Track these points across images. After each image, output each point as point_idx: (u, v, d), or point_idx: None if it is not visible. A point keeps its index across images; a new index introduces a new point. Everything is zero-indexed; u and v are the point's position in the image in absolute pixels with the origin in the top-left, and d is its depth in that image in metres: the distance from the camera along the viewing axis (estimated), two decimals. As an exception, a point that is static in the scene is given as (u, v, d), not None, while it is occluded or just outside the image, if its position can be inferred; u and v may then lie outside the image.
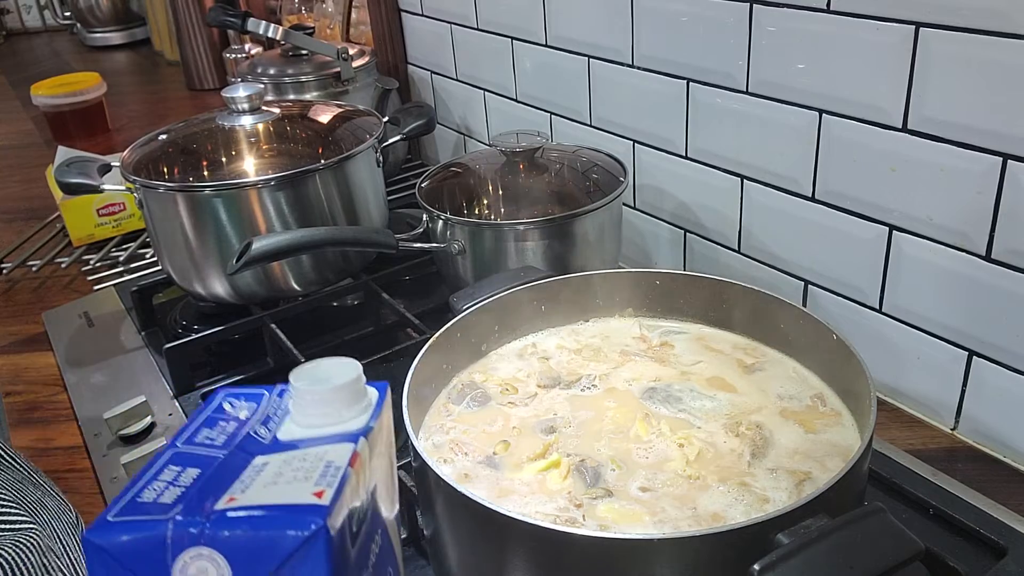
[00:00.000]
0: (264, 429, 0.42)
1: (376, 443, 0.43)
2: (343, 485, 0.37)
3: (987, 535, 0.64)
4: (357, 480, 0.40)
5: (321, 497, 0.36)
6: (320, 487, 0.37)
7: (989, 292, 0.72)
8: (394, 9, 1.48)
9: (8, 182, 1.66)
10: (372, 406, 0.45)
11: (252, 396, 0.45)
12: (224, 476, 0.38)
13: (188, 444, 0.41)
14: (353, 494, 0.39)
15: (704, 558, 0.47)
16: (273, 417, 0.43)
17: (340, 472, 0.38)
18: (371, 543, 0.42)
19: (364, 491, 0.41)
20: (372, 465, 0.43)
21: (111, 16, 2.77)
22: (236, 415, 0.44)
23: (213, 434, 0.42)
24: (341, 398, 0.43)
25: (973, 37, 0.67)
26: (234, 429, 0.42)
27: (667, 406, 0.65)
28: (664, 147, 1.01)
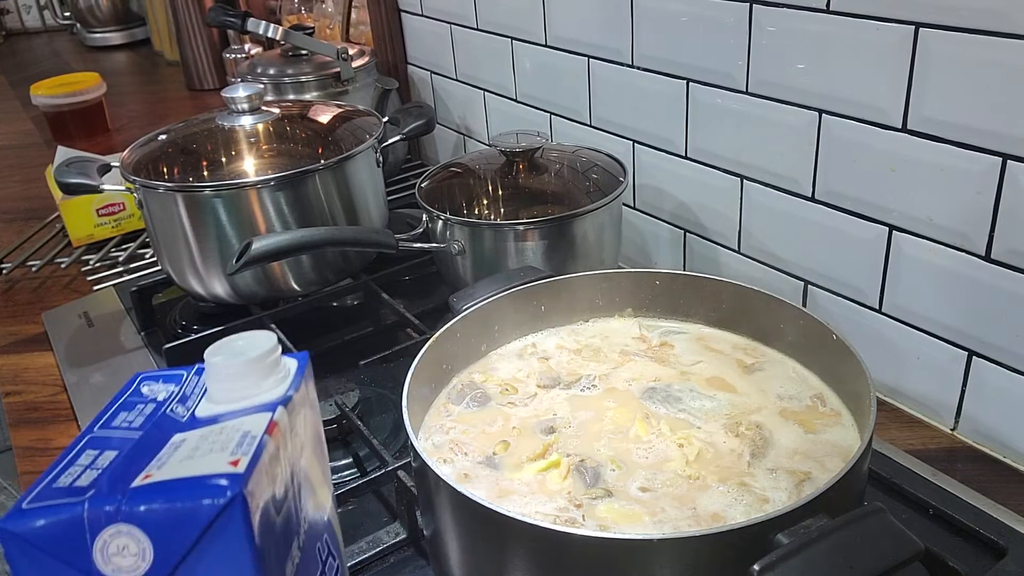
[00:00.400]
0: (182, 407, 0.42)
1: (297, 412, 0.43)
2: (260, 452, 0.37)
3: (987, 535, 0.64)
4: (277, 448, 0.39)
5: (237, 465, 0.36)
6: (236, 456, 0.37)
7: (989, 292, 0.72)
8: (394, 9, 1.48)
9: (8, 182, 1.66)
10: (290, 376, 0.44)
11: (170, 378, 0.45)
12: (140, 455, 0.38)
13: (104, 428, 0.41)
14: (273, 462, 0.39)
15: (704, 558, 0.47)
16: (191, 396, 0.43)
17: (256, 440, 0.38)
18: (298, 515, 0.42)
19: (287, 461, 0.41)
20: (295, 433, 0.42)
21: (111, 16, 2.77)
22: (154, 397, 0.44)
23: (131, 417, 0.42)
24: (256, 370, 0.42)
25: (973, 37, 0.67)
26: (151, 411, 0.42)
27: (667, 406, 0.65)
28: (664, 147, 1.01)
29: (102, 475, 0.37)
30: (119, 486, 0.36)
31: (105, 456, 0.39)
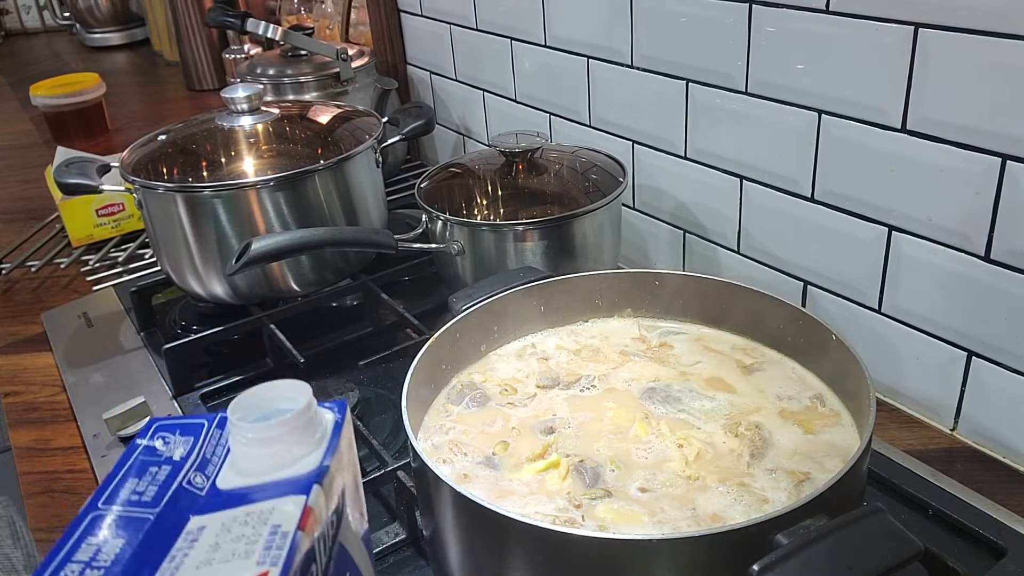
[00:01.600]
0: (200, 476, 0.37)
1: (335, 477, 0.37)
2: (292, 557, 0.32)
3: (986, 535, 0.64)
4: (310, 540, 0.34)
5: None
6: (264, 566, 0.31)
7: (988, 292, 0.72)
8: (393, 9, 1.48)
9: (7, 182, 1.66)
10: (327, 437, 0.38)
11: (188, 428, 0.39)
12: (152, 551, 0.33)
13: (111, 504, 0.35)
14: (307, 560, 0.33)
15: (703, 558, 0.47)
16: (212, 458, 0.37)
17: (288, 540, 0.32)
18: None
19: (322, 542, 0.35)
20: (332, 496, 0.37)
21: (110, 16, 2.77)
22: (170, 456, 0.38)
23: (142, 486, 0.36)
24: (288, 434, 0.36)
25: (972, 38, 0.67)
26: (166, 476, 0.36)
27: (666, 406, 0.65)
28: (663, 147, 1.01)
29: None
30: None
31: (109, 547, 0.33)
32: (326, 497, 0.36)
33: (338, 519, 0.38)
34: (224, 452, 0.38)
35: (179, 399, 0.90)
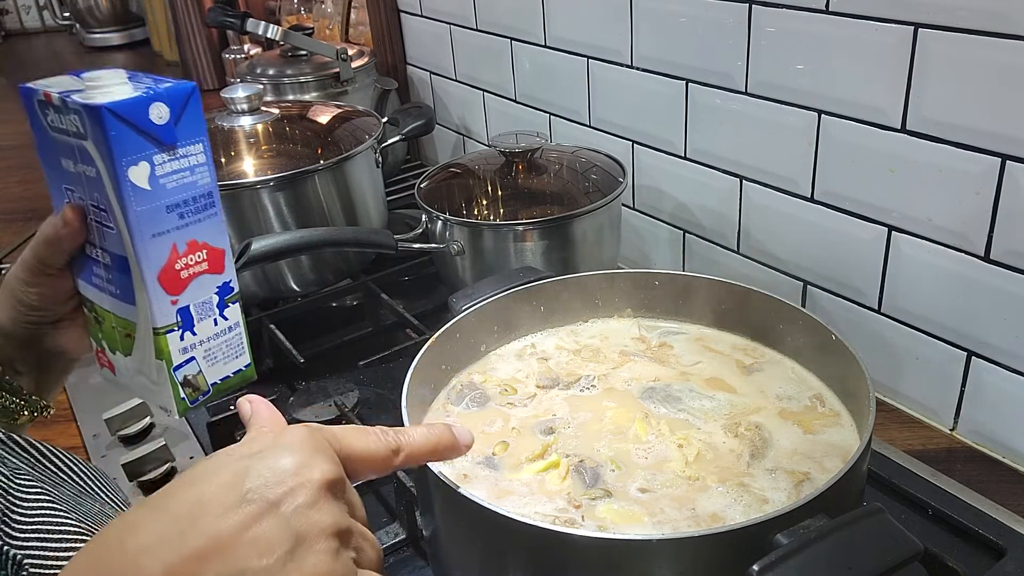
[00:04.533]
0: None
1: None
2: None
3: (986, 535, 0.64)
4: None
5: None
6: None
7: (988, 293, 0.72)
8: (393, 10, 1.48)
9: (7, 182, 1.66)
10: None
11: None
12: None
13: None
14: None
15: (703, 558, 0.47)
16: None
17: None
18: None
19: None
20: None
21: (110, 17, 2.77)
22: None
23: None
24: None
25: (972, 38, 0.67)
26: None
27: (666, 406, 0.65)
28: (663, 148, 1.01)
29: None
30: None
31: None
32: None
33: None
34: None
35: (179, 399, 0.90)
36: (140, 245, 0.51)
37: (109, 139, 0.49)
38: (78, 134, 0.51)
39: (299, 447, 0.41)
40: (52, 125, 0.53)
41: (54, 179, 0.55)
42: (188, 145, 0.52)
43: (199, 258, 0.54)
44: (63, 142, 0.52)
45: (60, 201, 0.55)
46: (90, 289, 0.56)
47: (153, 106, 0.50)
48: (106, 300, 0.55)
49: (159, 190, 0.51)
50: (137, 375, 0.57)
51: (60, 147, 0.53)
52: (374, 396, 0.87)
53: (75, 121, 0.51)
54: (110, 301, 0.55)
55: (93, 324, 0.58)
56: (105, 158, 0.50)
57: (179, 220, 0.52)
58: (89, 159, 0.51)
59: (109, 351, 0.58)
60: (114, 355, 0.57)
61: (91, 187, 0.52)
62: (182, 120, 0.51)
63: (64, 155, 0.53)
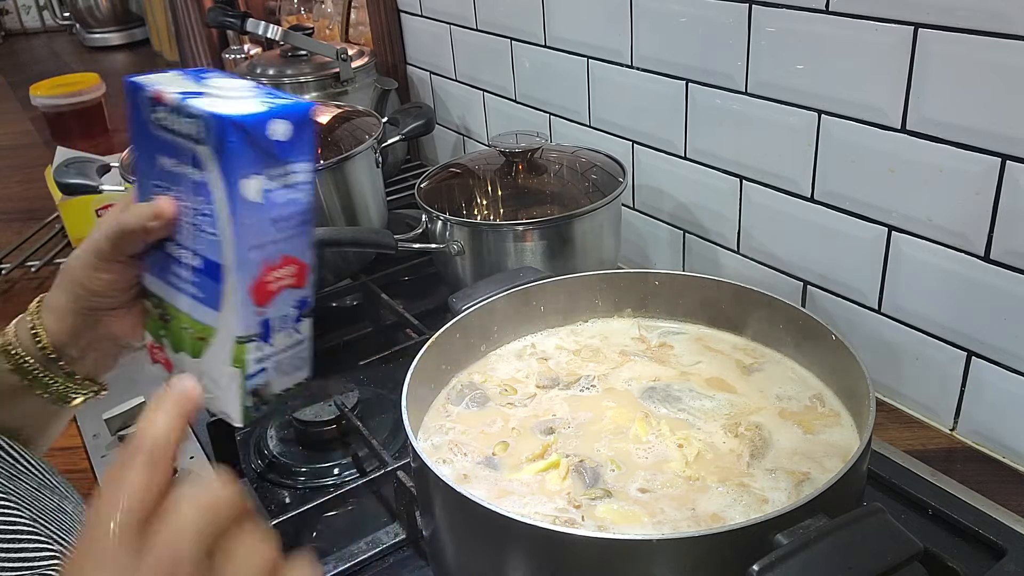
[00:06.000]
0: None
1: None
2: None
3: (986, 535, 0.64)
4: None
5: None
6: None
7: (988, 293, 0.72)
8: (393, 10, 1.48)
9: (7, 182, 1.66)
10: None
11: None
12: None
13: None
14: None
15: (703, 559, 0.47)
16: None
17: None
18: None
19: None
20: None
21: (110, 16, 2.77)
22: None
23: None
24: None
25: (972, 38, 0.67)
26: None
27: (666, 406, 0.65)
28: (663, 148, 1.01)
29: None
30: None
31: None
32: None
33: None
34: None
35: (179, 399, 0.90)
36: (241, 256, 0.51)
37: (230, 150, 0.49)
38: (193, 138, 0.50)
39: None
40: (159, 123, 0.52)
41: (144, 172, 0.55)
42: (299, 163, 0.53)
43: (288, 272, 0.55)
44: (168, 141, 0.52)
45: (145, 194, 0.54)
46: (162, 286, 0.56)
47: (274, 122, 0.50)
48: (183, 301, 0.55)
49: (268, 205, 0.51)
50: (201, 379, 0.54)
51: (161, 144, 0.53)
52: (374, 396, 0.87)
53: (192, 125, 0.50)
54: (189, 303, 0.55)
55: (155, 319, 0.58)
56: (222, 167, 0.50)
57: (279, 235, 0.53)
58: (200, 164, 0.51)
59: (171, 349, 0.58)
60: (176, 354, 0.57)
61: (196, 191, 0.51)
62: (297, 137, 0.52)
63: (164, 153, 0.53)
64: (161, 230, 0.53)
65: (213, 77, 0.55)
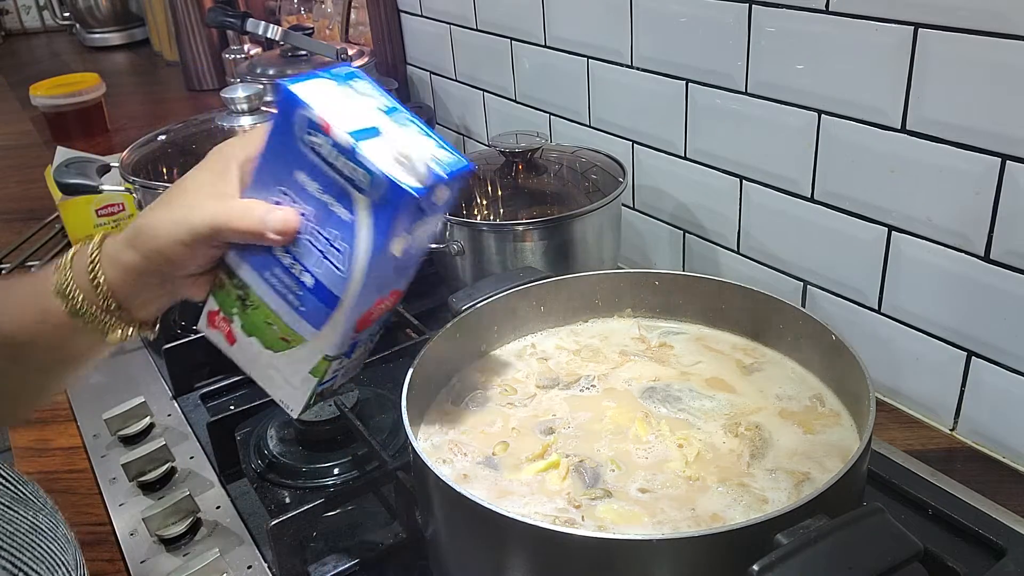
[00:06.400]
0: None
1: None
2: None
3: (986, 535, 0.64)
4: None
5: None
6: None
7: (988, 293, 0.72)
8: (393, 10, 1.48)
9: (7, 182, 1.66)
10: None
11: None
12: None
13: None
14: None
15: (703, 558, 0.47)
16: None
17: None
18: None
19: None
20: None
21: (110, 17, 2.77)
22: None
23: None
24: None
25: (972, 38, 0.67)
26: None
27: (666, 406, 0.65)
28: (663, 148, 1.01)
29: None
30: None
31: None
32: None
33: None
34: None
35: (179, 399, 0.90)
36: (362, 298, 0.52)
37: (393, 216, 0.49)
38: (354, 184, 0.50)
39: None
40: (314, 147, 0.51)
41: (271, 171, 0.53)
42: (439, 215, 0.53)
43: (391, 302, 0.56)
44: (317, 166, 0.51)
45: (265, 191, 0.53)
46: (255, 277, 0.55)
47: (439, 188, 0.51)
48: (278, 303, 0.55)
49: (403, 257, 0.52)
50: (268, 368, 0.57)
51: (307, 164, 0.51)
52: (374, 396, 0.87)
53: (358, 173, 0.49)
54: (285, 309, 0.54)
55: (230, 296, 0.57)
56: (376, 224, 0.50)
57: (398, 276, 0.55)
58: (351, 207, 0.50)
59: (242, 330, 0.58)
60: (247, 337, 0.57)
61: (332, 222, 0.51)
62: (451, 197, 0.53)
63: (307, 172, 0.52)
64: (278, 243, 0.53)
65: (360, 82, 0.55)
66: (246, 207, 0.53)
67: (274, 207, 0.52)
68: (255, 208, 0.53)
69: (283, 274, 0.54)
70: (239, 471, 0.79)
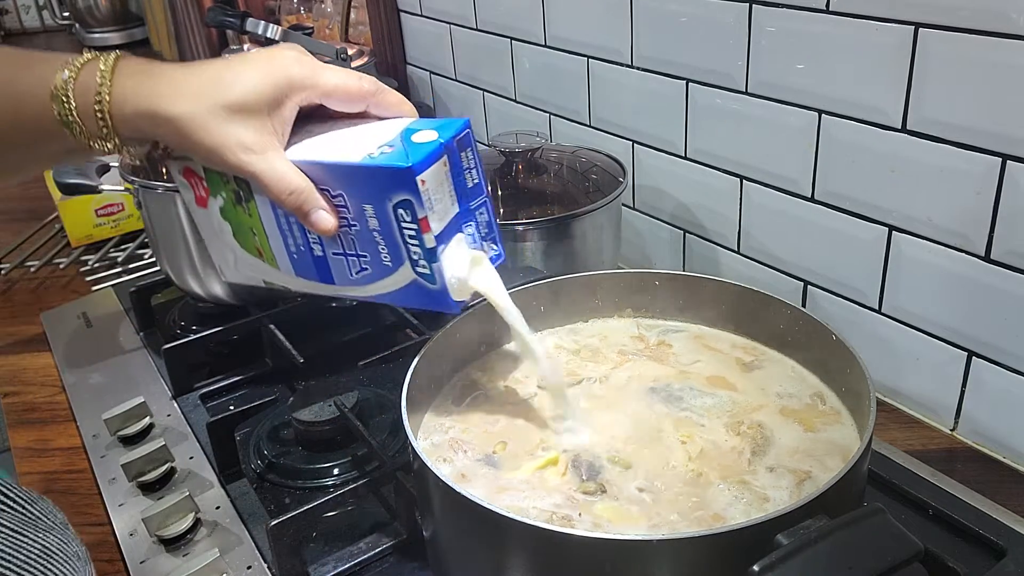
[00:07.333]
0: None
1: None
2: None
3: (986, 536, 0.64)
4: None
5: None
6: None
7: (988, 293, 0.72)
8: (393, 9, 1.48)
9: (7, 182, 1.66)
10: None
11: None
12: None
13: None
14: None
15: (703, 559, 0.47)
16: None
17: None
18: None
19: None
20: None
21: (109, 16, 2.76)
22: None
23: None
24: None
25: (972, 38, 0.67)
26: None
27: (668, 405, 0.65)
28: (663, 147, 1.01)
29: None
30: None
31: None
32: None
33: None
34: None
35: (179, 399, 0.90)
36: (357, 295, 0.58)
37: (425, 305, 0.54)
38: (415, 263, 0.53)
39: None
40: (400, 218, 0.52)
41: (335, 173, 0.53)
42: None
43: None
44: (389, 224, 0.52)
45: (314, 173, 0.53)
46: (266, 207, 0.56)
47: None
48: (275, 235, 0.56)
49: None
50: (224, 247, 0.60)
51: (381, 213, 0.53)
52: (374, 396, 0.87)
53: (424, 267, 0.52)
54: (279, 243, 0.56)
55: (226, 189, 0.57)
56: (407, 290, 0.54)
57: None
58: (397, 264, 0.53)
59: (219, 212, 0.58)
60: (221, 219, 0.59)
61: (372, 256, 0.54)
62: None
63: (377, 214, 0.53)
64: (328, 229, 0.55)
65: (465, 154, 0.56)
66: (283, 177, 0.53)
67: (320, 203, 0.53)
68: (295, 183, 0.53)
69: (296, 225, 0.54)
70: (239, 471, 0.79)
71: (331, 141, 0.56)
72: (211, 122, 0.51)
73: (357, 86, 0.57)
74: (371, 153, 0.52)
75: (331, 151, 0.54)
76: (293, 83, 0.54)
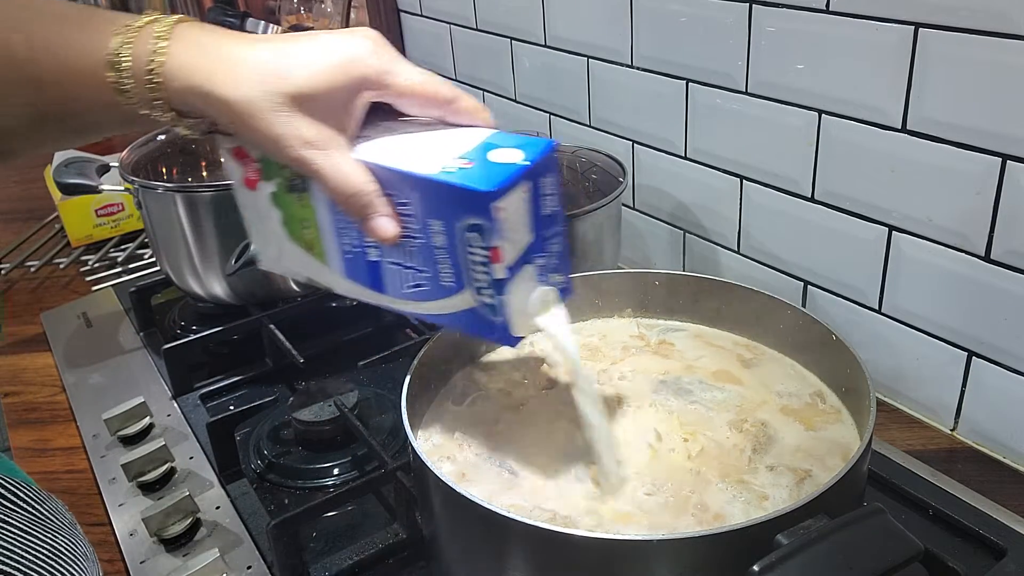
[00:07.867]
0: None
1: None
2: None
3: (986, 536, 0.64)
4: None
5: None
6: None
7: (988, 293, 0.72)
8: (393, 9, 1.48)
9: (7, 182, 1.66)
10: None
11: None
12: None
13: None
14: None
15: (703, 558, 0.47)
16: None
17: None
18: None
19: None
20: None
21: (110, 16, 2.76)
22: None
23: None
24: None
25: (972, 38, 0.67)
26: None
27: (679, 399, 0.65)
28: (663, 147, 1.01)
29: None
30: None
31: None
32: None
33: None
34: None
35: (179, 399, 0.90)
36: (407, 311, 0.55)
37: (482, 336, 0.52)
38: (478, 290, 0.50)
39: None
40: (469, 241, 0.48)
41: (402, 181, 0.50)
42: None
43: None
44: (456, 245, 0.49)
45: (380, 171, 0.50)
46: (322, 203, 0.53)
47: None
48: (329, 234, 0.54)
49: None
50: (271, 232, 0.57)
51: (449, 231, 0.49)
52: (374, 396, 0.87)
53: (488, 298, 0.50)
54: (331, 241, 0.54)
55: (282, 176, 0.54)
56: (465, 316, 0.51)
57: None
58: (458, 288, 0.51)
59: (270, 198, 0.55)
60: (272, 205, 0.56)
61: (431, 274, 0.51)
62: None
63: (444, 231, 0.49)
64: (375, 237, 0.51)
65: (545, 179, 0.52)
66: (347, 177, 0.49)
67: (384, 209, 0.50)
68: (358, 184, 0.49)
69: (353, 228, 0.52)
70: (239, 471, 0.79)
71: (402, 144, 0.52)
72: (270, 111, 0.47)
73: (434, 92, 0.53)
74: (447, 167, 0.48)
75: (402, 157, 0.50)
76: (367, 79, 0.50)
